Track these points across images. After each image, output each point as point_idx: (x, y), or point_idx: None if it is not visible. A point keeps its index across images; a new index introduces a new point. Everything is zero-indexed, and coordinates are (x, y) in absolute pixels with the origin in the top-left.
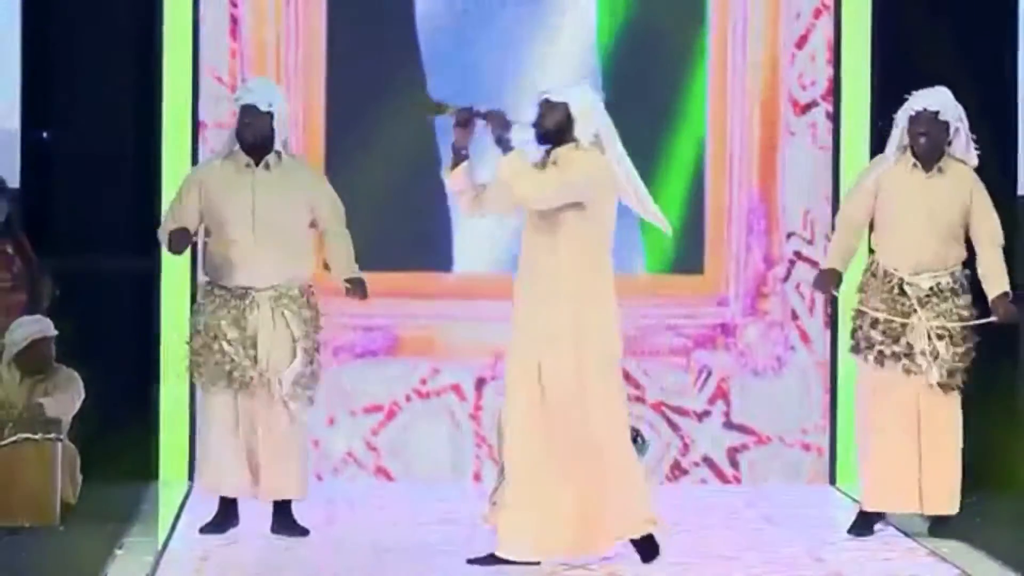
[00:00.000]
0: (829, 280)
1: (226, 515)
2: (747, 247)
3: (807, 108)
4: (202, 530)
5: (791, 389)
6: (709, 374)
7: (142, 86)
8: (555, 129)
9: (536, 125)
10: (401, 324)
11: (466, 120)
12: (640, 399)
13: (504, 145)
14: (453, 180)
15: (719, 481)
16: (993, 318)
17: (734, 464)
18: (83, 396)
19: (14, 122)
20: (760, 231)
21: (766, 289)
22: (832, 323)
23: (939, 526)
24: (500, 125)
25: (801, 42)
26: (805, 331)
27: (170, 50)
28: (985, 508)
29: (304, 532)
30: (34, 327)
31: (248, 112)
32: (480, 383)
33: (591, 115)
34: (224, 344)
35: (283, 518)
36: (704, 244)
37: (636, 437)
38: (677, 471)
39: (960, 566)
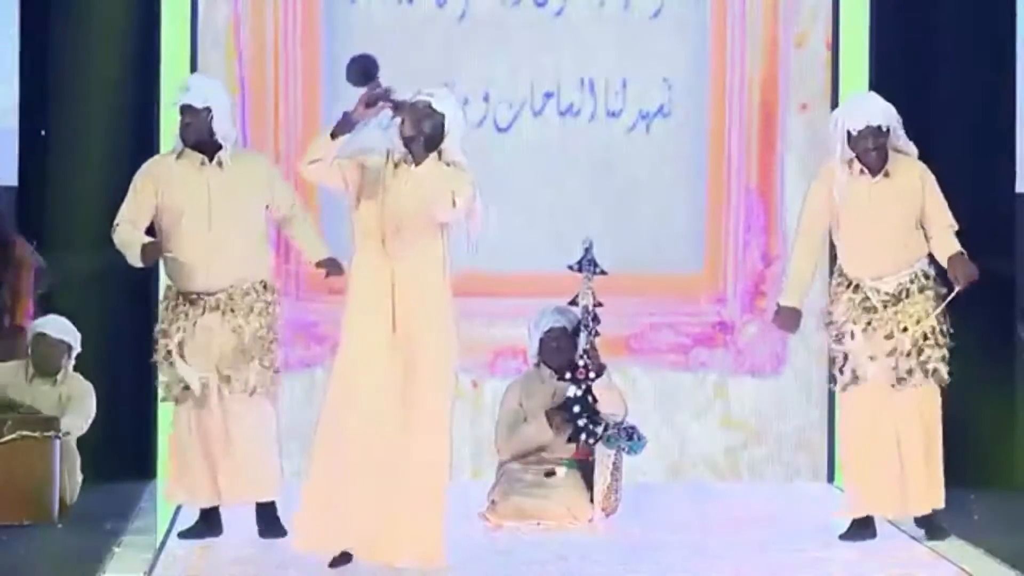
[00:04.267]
0: (790, 319)
1: (208, 523)
2: (745, 245)
3: (805, 107)
4: (181, 535)
5: (789, 387)
6: (707, 372)
7: (141, 85)
8: (430, 137)
9: (414, 129)
10: None
11: (375, 101)
12: (638, 397)
13: (411, 142)
14: (326, 145)
15: (717, 480)
16: (957, 288)
17: (732, 462)
18: (93, 414)
19: (12, 121)
20: (758, 229)
21: (764, 287)
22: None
23: (929, 526)
24: (412, 122)
25: (800, 40)
26: (803, 329)
27: (168, 49)
28: (985, 506)
29: (284, 532)
30: (43, 324)
31: (186, 112)
32: (478, 381)
33: (459, 133)
34: (177, 354)
35: (269, 521)
36: (703, 242)
37: (632, 434)
38: (675, 469)
39: (960, 565)
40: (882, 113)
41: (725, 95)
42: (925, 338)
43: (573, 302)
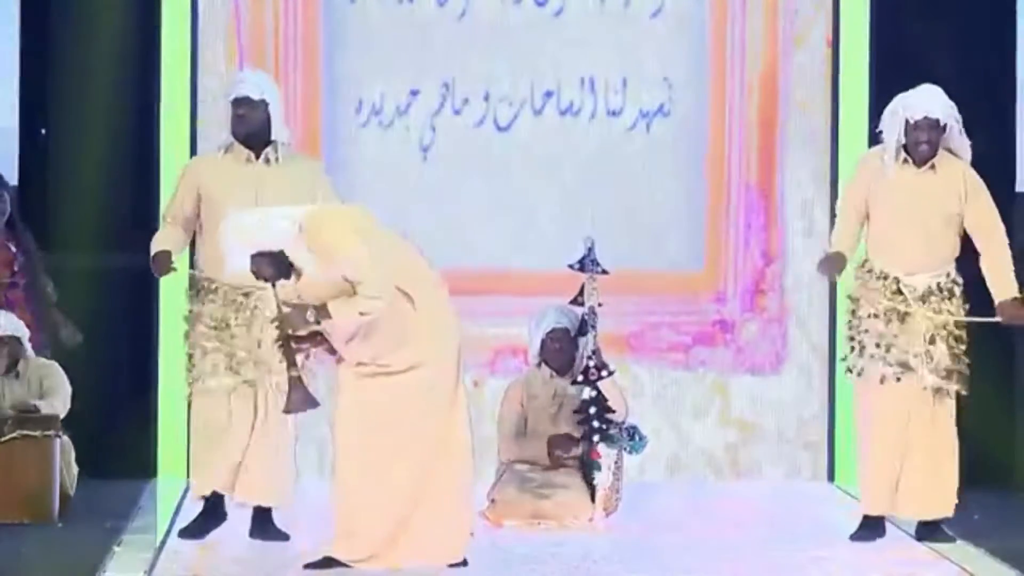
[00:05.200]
0: (834, 263)
1: (211, 513)
2: (746, 244)
3: (805, 105)
4: (181, 534)
5: (790, 386)
6: (708, 371)
7: (140, 83)
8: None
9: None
10: None
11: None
12: (639, 395)
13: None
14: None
15: (717, 478)
16: (997, 318)
17: (732, 461)
18: (70, 392)
19: (12, 119)
20: (758, 227)
21: (764, 286)
22: (831, 319)
23: (928, 530)
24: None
25: (800, 39)
26: (804, 328)
27: (168, 46)
28: (985, 506)
29: (284, 537)
30: None
31: (241, 104)
32: (478, 380)
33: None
34: (229, 342)
35: (263, 523)
36: (703, 241)
37: (633, 433)
38: (675, 468)
39: (960, 565)
40: (940, 107)
41: (725, 94)
42: (941, 344)
43: (575, 301)
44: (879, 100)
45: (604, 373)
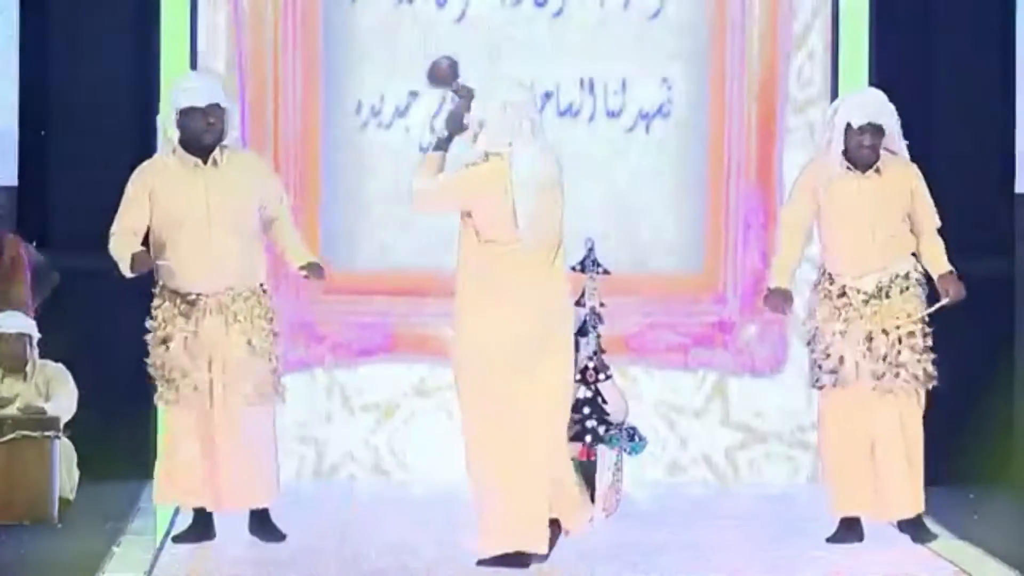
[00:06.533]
0: (781, 300)
1: (202, 526)
2: (745, 244)
3: (805, 106)
4: (175, 539)
5: (789, 387)
6: (707, 372)
7: (141, 85)
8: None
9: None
10: (398, 322)
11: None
12: (638, 397)
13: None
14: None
15: (717, 479)
16: (945, 301)
17: (732, 463)
18: (76, 394)
19: (12, 121)
20: (758, 228)
21: (764, 287)
22: None
23: (913, 529)
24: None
25: (799, 40)
26: (803, 329)
27: (168, 46)
28: (985, 506)
29: (280, 537)
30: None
31: (212, 111)
32: None
33: (493, 123)
34: (178, 353)
35: (260, 523)
36: (702, 242)
37: (633, 435)
38: (675, 470)
39: (960, 565)
40: (884, 113)
41: (725, 95)
42: (902, 341)
43: (578, 303)
44: None
45: (602, 376)
